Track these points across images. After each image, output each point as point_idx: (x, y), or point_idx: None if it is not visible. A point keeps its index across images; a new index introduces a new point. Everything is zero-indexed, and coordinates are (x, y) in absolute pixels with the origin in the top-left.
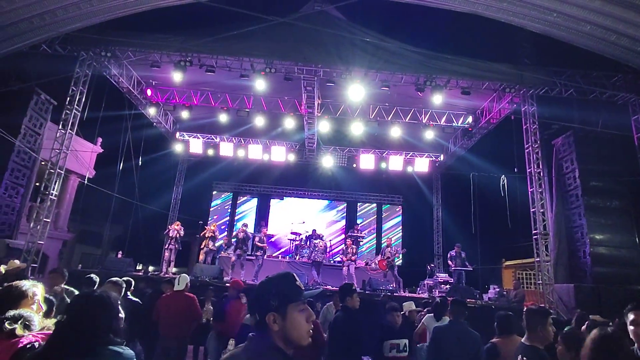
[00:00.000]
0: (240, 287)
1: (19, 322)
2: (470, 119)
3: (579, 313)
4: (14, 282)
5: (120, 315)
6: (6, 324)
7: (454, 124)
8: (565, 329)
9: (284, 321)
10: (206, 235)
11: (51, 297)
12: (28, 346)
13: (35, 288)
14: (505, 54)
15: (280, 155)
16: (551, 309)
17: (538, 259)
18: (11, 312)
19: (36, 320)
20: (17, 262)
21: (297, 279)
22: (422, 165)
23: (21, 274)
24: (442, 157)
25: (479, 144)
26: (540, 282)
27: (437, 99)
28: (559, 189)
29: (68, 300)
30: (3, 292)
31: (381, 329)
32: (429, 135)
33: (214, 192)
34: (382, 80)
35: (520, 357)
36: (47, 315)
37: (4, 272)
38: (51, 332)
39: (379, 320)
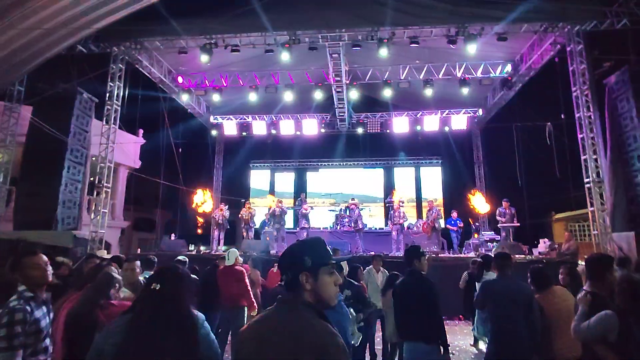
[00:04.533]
0: None
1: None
2: (509, 68)
3: (638, 259)
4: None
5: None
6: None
7: (491, 75)
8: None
9: (316, 281)
10: (243, 217)
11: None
12: None
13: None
14: None
15: (312, 128)
16: None
17: (592, 208)
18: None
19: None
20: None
21: (327, 244)
22: (459, 122)
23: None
24: (480, 112)
25: (521, 93)
26: (597, 232)
27: (471, 49)
28: (613, 132)
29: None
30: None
31: None
32: (465, 90)
33: (252, 171)
34: (411, 37)
35: (582, 295)
36: None
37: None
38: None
39: None
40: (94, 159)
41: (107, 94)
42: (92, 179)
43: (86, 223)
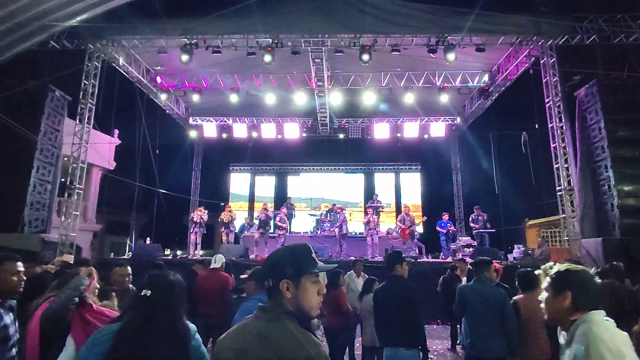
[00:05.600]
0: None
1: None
2: (486, 78)
3: (606, 266)
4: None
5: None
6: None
7: (469, 84)
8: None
9: (297, 290)
10: (224, 220)
11: None
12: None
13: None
14: (520, 3)
15: (294, 131)
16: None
17: (564, 215)
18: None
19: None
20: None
21: (313, 251)
22: (438, 129)
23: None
24: (458, 120)
25: (497, 102)
26: (567, 238)
27: (451, 58)
28: (583, 142)
29: None
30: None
31: None
32: (444, 98)
33: (232, 174)
34: (392, 45)
35: None
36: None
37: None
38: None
39: None
40: (65, 159)
41: (81, 92)
42: (63, 179)
43: (56, 226)
